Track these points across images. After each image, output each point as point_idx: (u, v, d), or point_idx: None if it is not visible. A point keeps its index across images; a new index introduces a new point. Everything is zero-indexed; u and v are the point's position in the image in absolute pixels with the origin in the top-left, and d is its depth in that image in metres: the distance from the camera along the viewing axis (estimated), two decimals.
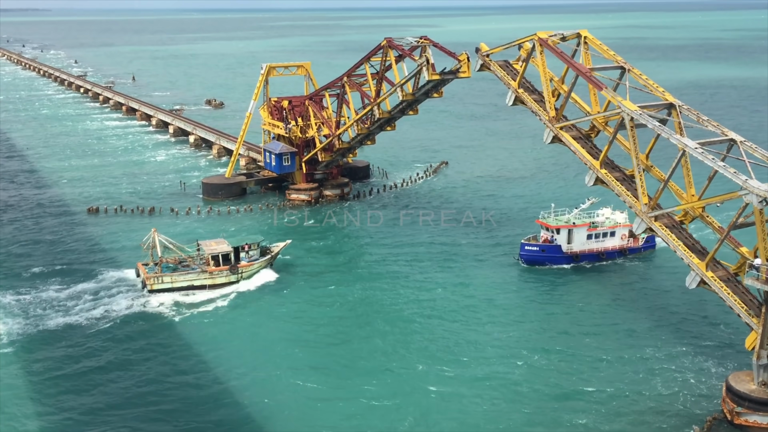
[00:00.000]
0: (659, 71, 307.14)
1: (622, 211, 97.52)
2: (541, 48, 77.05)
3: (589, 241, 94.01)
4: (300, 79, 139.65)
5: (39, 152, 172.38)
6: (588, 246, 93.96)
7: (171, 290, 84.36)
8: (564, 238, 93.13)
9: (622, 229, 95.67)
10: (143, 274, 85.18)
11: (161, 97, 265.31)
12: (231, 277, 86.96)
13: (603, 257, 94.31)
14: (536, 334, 74.31)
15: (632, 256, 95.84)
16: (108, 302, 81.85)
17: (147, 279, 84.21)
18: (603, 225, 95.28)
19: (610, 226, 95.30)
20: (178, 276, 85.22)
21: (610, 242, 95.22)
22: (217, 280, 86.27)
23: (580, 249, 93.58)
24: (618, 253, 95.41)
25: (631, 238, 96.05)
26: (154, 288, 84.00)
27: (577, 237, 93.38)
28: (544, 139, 77.86)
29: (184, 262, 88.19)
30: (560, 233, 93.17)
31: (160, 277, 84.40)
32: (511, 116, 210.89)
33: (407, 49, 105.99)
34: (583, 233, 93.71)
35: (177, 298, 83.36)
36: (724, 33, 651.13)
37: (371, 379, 65.38)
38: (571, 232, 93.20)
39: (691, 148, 61.02)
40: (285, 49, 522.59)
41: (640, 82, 70.87)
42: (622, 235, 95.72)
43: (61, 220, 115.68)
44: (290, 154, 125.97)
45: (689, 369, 66.70)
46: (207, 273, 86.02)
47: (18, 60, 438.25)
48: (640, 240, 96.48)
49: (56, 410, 61.39)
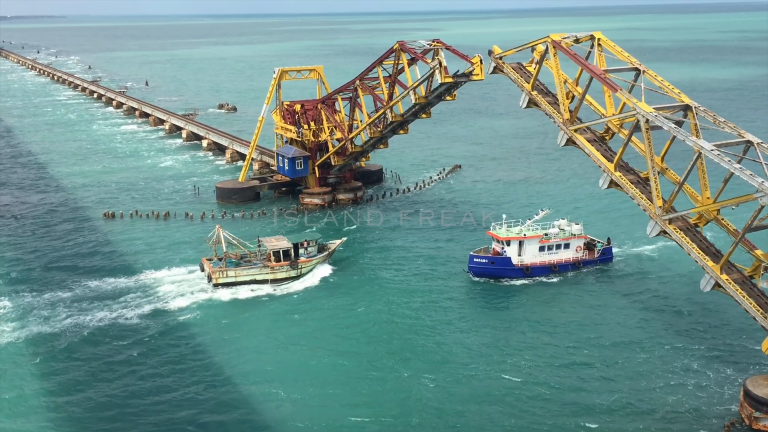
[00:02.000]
0: (674, 72, 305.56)
1: (577, 223, 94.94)
2: (554, 50, 76.77)
3: (541, 253, 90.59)
4: (312, 82, 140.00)
5: (53, 157, 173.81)
6: (540, 258, 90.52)
7: (234, 284, 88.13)
8: (514, 251, 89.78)
9: (577, 240, 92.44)
10: (208, 268, 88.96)
11: (174, 101, 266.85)
12: (291, 273, 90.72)
13: (555, 270, 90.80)
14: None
15: (587, 269, 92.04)
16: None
17: (212, 273, 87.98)
18: (556, 236, 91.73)
19: (564, 238, 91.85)
20: (242, 271, 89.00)
21: (564, 254, 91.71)
22: (278, 275, 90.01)
23: (531, 261, 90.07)
24: (572, 266, 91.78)
25: (586, 251, 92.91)
26: (219, 282, 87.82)
27: (528, 249, 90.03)
28: (558, 141, 77.54)
29: (245, 258, 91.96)
30: (510, 245, 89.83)
31: (224, 271, 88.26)
32: (524, 119, 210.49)
33: (420, 52, 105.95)
34: (535, 245, 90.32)
35: (240, 292, 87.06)
36: (738, 34, 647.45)
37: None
38: (522, 243, 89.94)
39: (707, 150, 60.55)
40: (293, 53, 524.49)
41: (656, 84, 70.33)
42: (577, 247, 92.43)
43: (78, 226, 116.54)
44: (303, 158, 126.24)
45: (706, 374, 66.14)
46: (268, 268, 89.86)
47: (33, 66, 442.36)
48: (596, 252, 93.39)
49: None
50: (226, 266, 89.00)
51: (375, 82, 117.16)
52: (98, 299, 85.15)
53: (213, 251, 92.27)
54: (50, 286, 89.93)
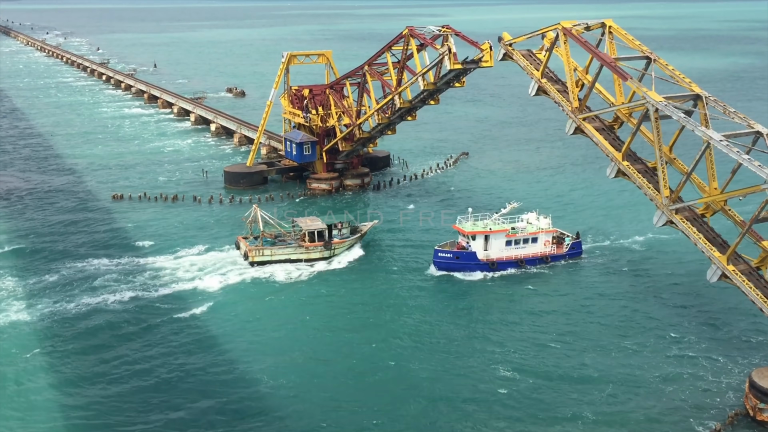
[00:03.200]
0: (687, 61, 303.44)
1: (546, 216, 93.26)
2: (564, 37, 76.41)
3: (507, 247, 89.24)
4: (321, 67, 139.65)
5: (61, 139, 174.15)
6: (506, 253, 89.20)
7: (270, 263, 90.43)
8: (480, 245, 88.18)
9: (545, 235, 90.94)
10: (245, 247, 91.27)
11: (182, 84, 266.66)
12: (325, 253, 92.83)
13: (522, 264, 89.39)
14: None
15: (555, 264, 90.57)
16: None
17: (249, 251, 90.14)
18: (524, 231, 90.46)
19: (532, 232, 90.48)
20: (277, 250, 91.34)
21: (531, 249, 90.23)
22: (312, 255, 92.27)
23: (498, 256, 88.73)
24: (539, 260, 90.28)
25: (554, 245, 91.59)
26: (255, 260, 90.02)
27: (494, 243, 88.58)
28: (567, 129, 77.38)
29: (279, 237, 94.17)
30: (476, 239, 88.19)
31: (261, 250, 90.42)
32: (534, 106, 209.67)
33: (429, 38, 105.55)
34: (501, 239, 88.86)
35: (277, 270, 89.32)
36: (734, 24, 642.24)
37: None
38: (487, 238, 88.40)
39: (716, 141, 60.36)
40: (294, 37, 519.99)
41: (667, 73, 69.98)
42: (545, 242, 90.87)
43: (88, 207, 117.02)
44: (311, 144, 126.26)
45: (709, 365, 66.16)
46: (303, 248, 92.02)
47: (42, 47, 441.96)
48: (565, 247, 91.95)
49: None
50: (263, 245, 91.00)
51: (384, 67, 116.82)
52: (111, 279, 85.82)
53: (249, 230, 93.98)
54: (65, 266, 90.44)
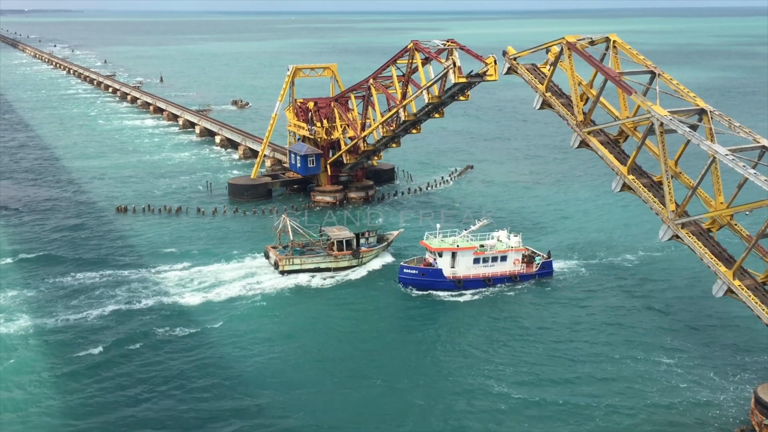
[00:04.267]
0: (677, 75, 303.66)
1: (516, 234, 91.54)
2: (569, 52, 76.45)
3: (475, 265, 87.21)
4: (326, 80, 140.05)
5: (67, 150, 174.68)
6: (474, 271, 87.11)
7: (300, 271, 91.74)
8: (447, 262, 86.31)
9: (515, 253, 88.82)
10: (275, 256, 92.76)
11: (188, 97, 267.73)
12: (353, 261, 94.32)
13: (490, 283, 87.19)
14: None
15: (525, 283, 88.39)
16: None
17: (279, 260, 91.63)
18: (493, 248, 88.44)
19: (501, 250, 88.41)
20: (307, 259, 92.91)
21: (500, 267, 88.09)
22: (340, 264, 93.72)
23: (465, 274, 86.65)
24: (507, 279, 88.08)
25: (524, 264, 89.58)
26: (285, 269, 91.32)
27: (461, 261, 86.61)
28: (571, 143, 77.29)
29: (307, 246, 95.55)
30: (442, 256, 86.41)
31: (291, 259, 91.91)
32: (539, 120, 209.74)
33: (434, 51, 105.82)
34: (469, 257, 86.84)
35: (305, 279, 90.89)
36: (731, 39, 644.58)
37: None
38: (455, 255, 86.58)
39: (722, 155, 60.15)
40: (293, 51, 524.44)
41: (671, 87, 69.95)
42: (515, 260, 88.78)
43: (92, 219, 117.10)
44: (315, 156, 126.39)
45: (715, 380, 65.63)
46: (332, 257, 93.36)
47: (49, 59, 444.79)
48: (535, 266, 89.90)
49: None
50: (292, 254, 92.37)
51: (388, 80, 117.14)
52: (116, 289, 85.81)
53: (277, 239, 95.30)
54: (72, 276, 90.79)
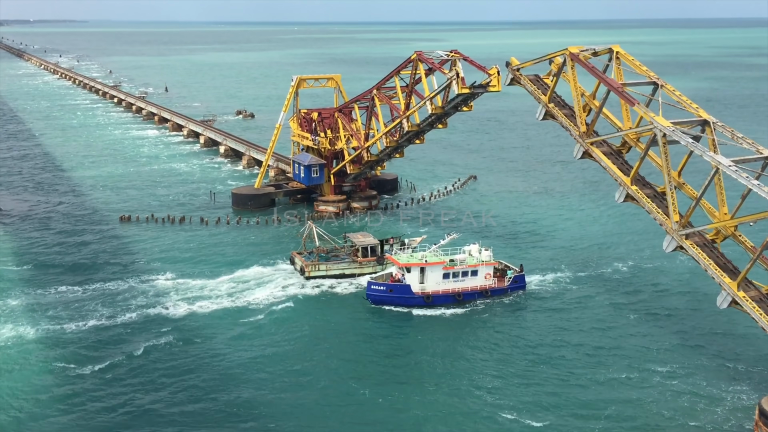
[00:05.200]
0: (693, 86, 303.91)
1: (487, 249, 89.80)
2: (572, 62, 76.70)
3: (445, 280, 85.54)
4: (330, 91, 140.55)
5: (72, 160, 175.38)
6: (443, 286, 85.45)
7: (325, 277, 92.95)
8: (415, 277, 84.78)
9: (486, 267, 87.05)
10: (300, 262, 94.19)
11: (193, 107, 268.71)
12: (377, 267, 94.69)
13: (460, 299, 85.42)
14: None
15: (496, 298, 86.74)
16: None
17: (305, 266, 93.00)
18: (463, 263, 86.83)
19: (471, 265, 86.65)
20: (332, 265, 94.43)
21: (471, 282, 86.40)
22: (364, 270, 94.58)
23: (434, 289, 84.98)
24: (479, 294, 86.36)
25: (495, 278, 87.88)
26: (311, 275, 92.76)
27: (430, 276, 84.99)
28: (574, 154, 77.37)
29: (332, 252, 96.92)
30: (411, 272, 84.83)
31: (316, 265, 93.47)
32: (541, 131, 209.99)
33: (437, 62, 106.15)
34: (438, 272, 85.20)
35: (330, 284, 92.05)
36: (723, 50, 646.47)
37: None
38: (423, 270, 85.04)
39: (725, 166, 60.18)
40: (295, 61, 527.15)
41: (674, 98, 70.10)
42: (486, 275, 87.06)
43: (95, 228, 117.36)
44: (319, 166, 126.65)
45: (719, 393, 65.28)
46: (357, 263, 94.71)
47: (55, 69, 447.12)
48: (507, 280, 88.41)
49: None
50: (318, 260, 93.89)
51: (392, 91, 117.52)
52: (119, 299, 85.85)
53: (303, 246, 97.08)
54: (76, 285, 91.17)
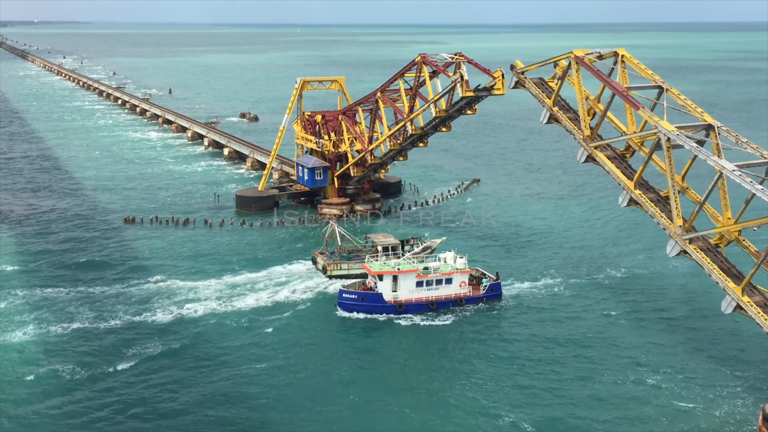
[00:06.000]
0: (693, 89, 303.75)
1: (461, 256, 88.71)
2: (577, 66, 76.66)
3: (418, 288, 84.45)
4: (333, 93, 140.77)
5: (75, 162, 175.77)
6: (416, 294, 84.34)
7: (347, 276, 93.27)
8: (387, 286, 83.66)
9: (461, 276, 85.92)
10: (323, 261, 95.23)
11: (197, 109, 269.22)
12: None
13: (433, 307, 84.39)
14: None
15: (472, 307, 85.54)
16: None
17: (328, 265, 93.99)
18: (437, 271, 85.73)
19: (446, 273, 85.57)
20: (354, 264, 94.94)
21: (444, 290, 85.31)
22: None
23: (407, 298, 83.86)
24: (452, 303, 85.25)
25: (470, 287, 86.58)
26: (333, 274, 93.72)
27: (403, 284, 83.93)
28: (578, 158, 77.34)
29: (353, 252, 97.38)
30: (383, 280, 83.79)
31: (338, 264, 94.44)
32: (546, 134, 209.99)
33: (442, 65, 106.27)
34: (411, 280, 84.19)
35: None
36: (719, 54, 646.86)
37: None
38: (396, 278, 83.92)
39: (729, 171, 60.18)
40: (287, 64, 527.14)
41: (679, 102, 70.07)
42: (461, 283, 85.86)
43: (100, 229, 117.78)
44: (322, 169, 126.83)
45: (721, 398, 65.34)
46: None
47: (59, 71, 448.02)
48: (482, 289, 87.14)
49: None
50: (340, 260, 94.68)
51: (396, 94, 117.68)
52: (124, 300, 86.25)
53: (325, 245, 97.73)
54: (83, 286, 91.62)
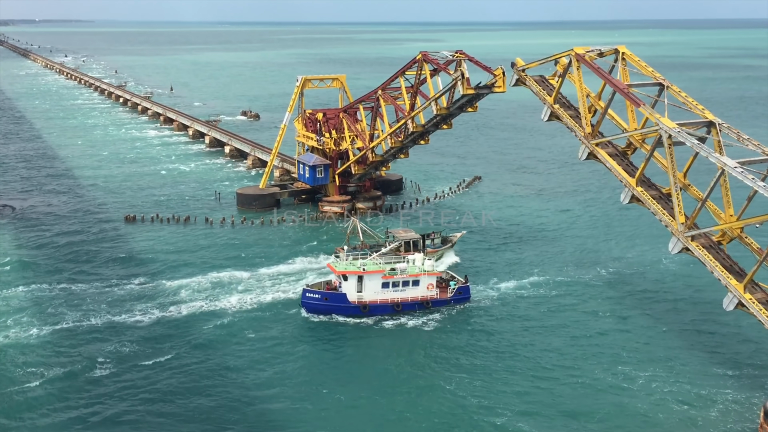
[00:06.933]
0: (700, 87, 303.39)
1: (430, 258, 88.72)
2: (577, 63, 76.43)
3: (384, 290, 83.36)
4: (334, 91, 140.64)
5: (76, 160, 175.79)
6: (382, 296, 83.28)
7: None
8: (352, 286, 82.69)
9: (428, 278, 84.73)
10: (344, 256, 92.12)
11: (198, 107, 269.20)
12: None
13: (398, 309, 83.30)
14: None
15: (438, 309, 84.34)
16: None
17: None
18: (404, 272, 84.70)
19: (413, 274, 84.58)
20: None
21: (411, 292, 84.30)
22: None
23: (371, 299, 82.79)
24: (419, 305, 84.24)
25: (438, 289, 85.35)
26: None
27: (368, 285, 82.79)
28: (579, 155, 77.13)
29: (374, 247, 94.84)
30: (348, 280, 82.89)
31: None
32: (547, 132, 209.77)
33: (442, 63, 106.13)
34: (377, 281, 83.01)
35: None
36: (712, 51, 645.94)
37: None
38: (361, 279, 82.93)
39: (731, 167, 60.01)
40: (300, 61, 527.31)
41: (680, 99, 69.86)
42: (428, 285, 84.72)
43: (100, 228, 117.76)
44: (324, 166, 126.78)
45: (723, 395, 65.23)
46: (400, 257, 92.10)
47: (60, 69, 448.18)
48: (450, 291, 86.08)
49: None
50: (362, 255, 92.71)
51: (397, 92, 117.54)
52: (125, 298, 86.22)
53: (346, 241, 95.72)
54: (84, 284, 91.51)
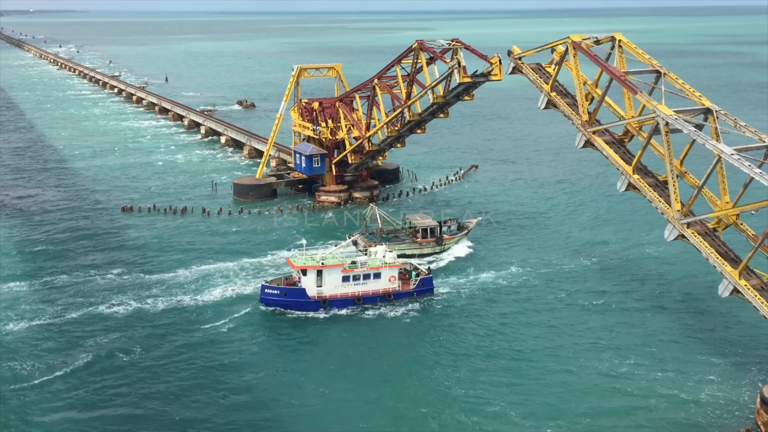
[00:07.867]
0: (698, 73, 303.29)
1: (391, 250, 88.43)
2: (574, 51, 76.35)
3: (344, 283, 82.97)
4: (330, 80, 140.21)
5: (72, 151, 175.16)
6: (342, 290, 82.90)
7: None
8: (311, 281, 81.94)
9: (390, 270, 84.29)
10: (363, 242, 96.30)
11: (193, 97, 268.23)
12: (436, 248, 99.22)
13: (360, 302, 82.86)
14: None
15: (401, 301, 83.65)
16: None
17: (369, 246, 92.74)
18: (365, 265, 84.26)
19: (373, 267, 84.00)
20: (394, 245, 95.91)
21: (372, 285, 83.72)
22: (424, 250, 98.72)
23: (332, 293, 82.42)
24: (380, 298, 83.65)
25: (400, 281, 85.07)
26: None
27: (328, 279, 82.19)
28: (576, 143, 77.17)
29: (392, 233, 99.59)
30: (307, 274, 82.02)
31: (378, 245, 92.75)
32: (544, 120, 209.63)
33: (439, 51, 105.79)
34: (337, 275, 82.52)
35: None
36: (704, 38, 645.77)
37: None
38: (320, 273, 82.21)
39: (727, 155, 60.10)
40: (274, 50, 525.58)
41: (677, 87, 69.85)
42: (390, 277, 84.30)
43: (97, 218, 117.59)
44: (320, 156, 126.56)
45: (720, 380, 65.58)
46: (417, 244, 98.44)
47: (54, 60, 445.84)
48: (413, 283, 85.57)
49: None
50: (381, 241, 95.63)
51: (393, 80, 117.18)
52: (123, 289, 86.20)
53: (365, 227, 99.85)
54: (78, 275, 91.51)
